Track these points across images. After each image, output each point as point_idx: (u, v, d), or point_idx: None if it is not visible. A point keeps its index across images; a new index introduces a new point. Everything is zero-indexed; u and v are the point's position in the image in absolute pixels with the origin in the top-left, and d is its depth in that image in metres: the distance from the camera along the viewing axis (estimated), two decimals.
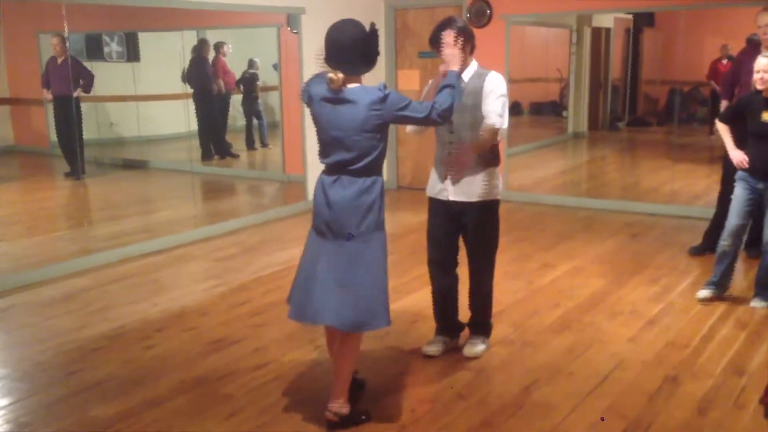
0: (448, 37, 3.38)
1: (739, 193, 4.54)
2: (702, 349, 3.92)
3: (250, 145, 8.95)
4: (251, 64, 8.50)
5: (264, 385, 3.56)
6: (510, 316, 4.42)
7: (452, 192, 3.60)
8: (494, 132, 3.45)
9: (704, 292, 4.65)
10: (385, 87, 2.94)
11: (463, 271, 3.82)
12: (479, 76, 3.52)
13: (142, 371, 3.73)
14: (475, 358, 3.79)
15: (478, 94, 3.48)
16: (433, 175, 3.70)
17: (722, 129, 4.66)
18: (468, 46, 3.47)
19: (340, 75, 2.89)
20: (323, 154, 3.04)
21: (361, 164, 2.94)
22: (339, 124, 2.92)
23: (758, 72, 4.32)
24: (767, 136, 4.36)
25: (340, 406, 3.12)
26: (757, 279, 4.62)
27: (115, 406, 3.36)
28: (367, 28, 2.94)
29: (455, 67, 3.25)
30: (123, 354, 3.95)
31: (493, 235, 3.72)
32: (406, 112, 2.95)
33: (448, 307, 3.89)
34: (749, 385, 3.48)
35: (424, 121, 3.04)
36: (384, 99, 2.89)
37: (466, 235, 3.71)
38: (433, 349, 3.85)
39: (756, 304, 4.54)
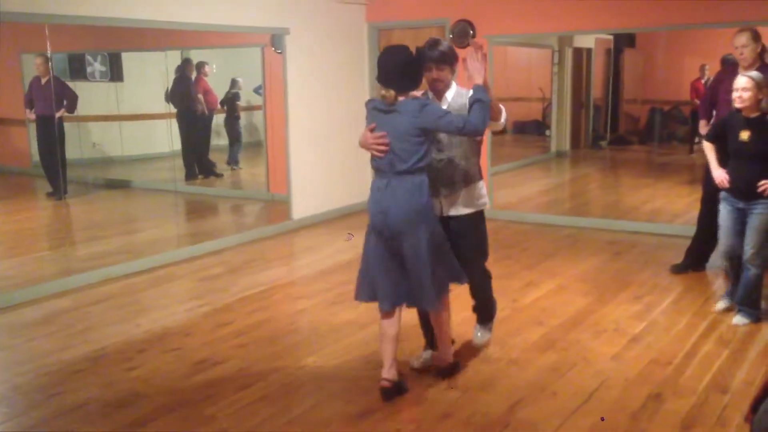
0: (471, 49, 3.49)
1: (724, 214, 4.61)
2: (685, 366, 3.95)
3: (232, 163, 8.97)
4: (234, 83, 8.51)
5: (248, 406, 3.54)
6: (495, 334, 4.42)
7: (445, 207, 3.69)
8: (499, 108, 3.61)
9: (722, 304, 4.79)
10: (426, 98, 3.44)
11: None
12: (461, 95, 3.63)
13: (124, 393, 3.69)
14: (485, 345, 4.15)
15: (464, 111, 3.52)
16: None
17: (708, 147, 4.74)
18: (454, 67, 3.62)
19: (392, 92, 3.35)
20: (373, 158, 3.46)
21: (406, 166, 3.36)
22: (388, 130, 3.36)
23: (736, 90, 4.38)
24: (745, 154, 4.43)
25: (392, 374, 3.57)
26: (738, 295, 4.65)
27: (97, 429, 3.32)
28: (414, 52, 3.39)
29: (479, 80, 3.41)
30: (105, 376, 3.91)
31: (483, 243, 3.91)
32: (443, 121, 3.32)
33: (430, 321, 3.90)
34: (732, 402, 3.50)
35: (460, 132, 3.36)
36: (423, 107, 3.32)
37: (456, 248, 3.74)
38: (418, 362, 3.92)
39: (738, 321, 4.57)
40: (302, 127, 7.43)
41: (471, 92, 3.44)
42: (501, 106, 3.62)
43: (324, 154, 7.71)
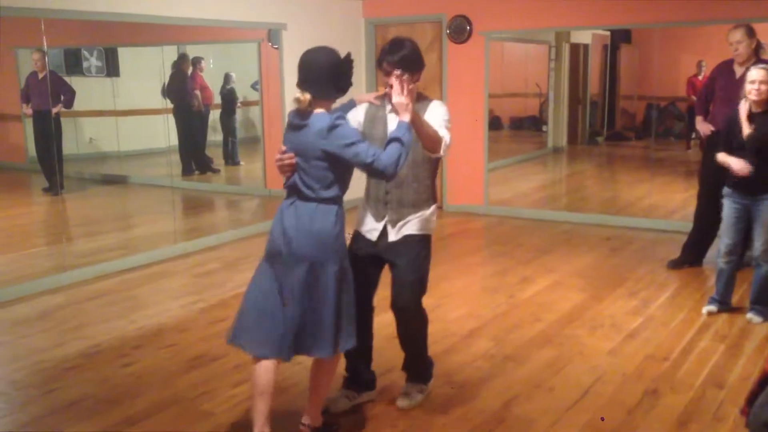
0: (394, 80, 2.91)
1: (728, 211, 4.55)
2: (681, 361, 3.95)
3: (227, 160, 8.95)
4: (228, 78, 8.47)
5: (244, 402, 3.52)
6: (491, 330, 4.42)
7: (390, 233, 3.24)
8: (437, 136, 3.07)
9: (710, 308, 4.70)
10: (339, 117, 2.86)
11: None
12: (419, 108, 3.10)
13: (120, 389, 3.68)
14: (408, 409, 3.42)
15: None
16: (366, 212, 3.30)
17: (724, 157, 4.49)
18: (415, 77, 3.11)
19: (307, 96, 2.85)
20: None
21: (310, 193, 2.89)
22: (295, 147, 2.89)
23: (753, 83, 4.25)
24: (748, 150, 4.37)
25: (313, 419, 3.15)
26: (752, 293, 4.63)
27: (92, 425, 3.31)
28: (343, 56, 2.94)
29: (405, 118, 2.87)
30: (100, 372, 3.90)
31: (422, 271, 3.31)
32: (349, 151, 2.80)
33: (358, 351, 3.28)
34: (728, 397, 3.51)
35: (366, 169, 2.84)
36: (330, 129, 2.80)
37: (393, 269, 3.30)
38: (334, 406, 3.40)
39: (751, 317, 4.56)
40: None
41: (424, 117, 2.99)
42: (441, 136, 3.07)
43: None
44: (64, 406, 3.51)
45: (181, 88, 7.92)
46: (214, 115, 8.61)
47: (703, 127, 5.46)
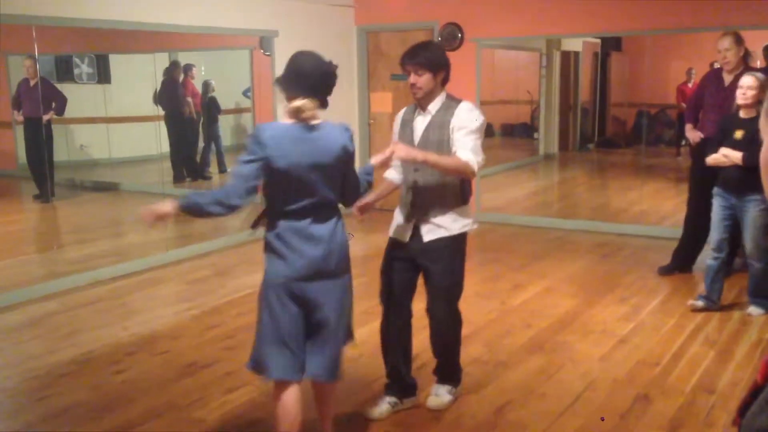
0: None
1: (716, 209, 4.71)
2: (672, 367, 3.97)
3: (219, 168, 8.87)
4: (207, 87, 8.37)
5: (236, 408, 3.53)
6: (483, 336, 4.43)
7: (422, 232, 3.24)
8: (461, 165, 3.08)
9: (694, 302, 4.85)
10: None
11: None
12: (447, 108, 3.19)
13: (113, 396, 3.68)
14: (437, 410, 3.44)
15: (444, 129, 3.17)
16: (398, 216, 3.34)
17: (713, 159, 4.64)
18: (438, 76, 3.18)
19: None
20: None
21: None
22: None
23: (741, 88, 4.49)
24: None
25: None
26: (749, 289, 4.79)
27: None
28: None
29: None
30: (92, 379, 3.89)
31: (458, 275, 3.33)
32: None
33: (398, 356, 3.45)
34: (719, 403, 3.53)
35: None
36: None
37: (427, 275, 3.32)
38: (376, 412, 3.42)
39: (752, 311, 4.72)
40: None
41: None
42: (465, 161, 3.09)
43: None
44: (57, 413, 3.50)
45: (173, 95, 7.91)
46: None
47: (693, 134, 5.52)
